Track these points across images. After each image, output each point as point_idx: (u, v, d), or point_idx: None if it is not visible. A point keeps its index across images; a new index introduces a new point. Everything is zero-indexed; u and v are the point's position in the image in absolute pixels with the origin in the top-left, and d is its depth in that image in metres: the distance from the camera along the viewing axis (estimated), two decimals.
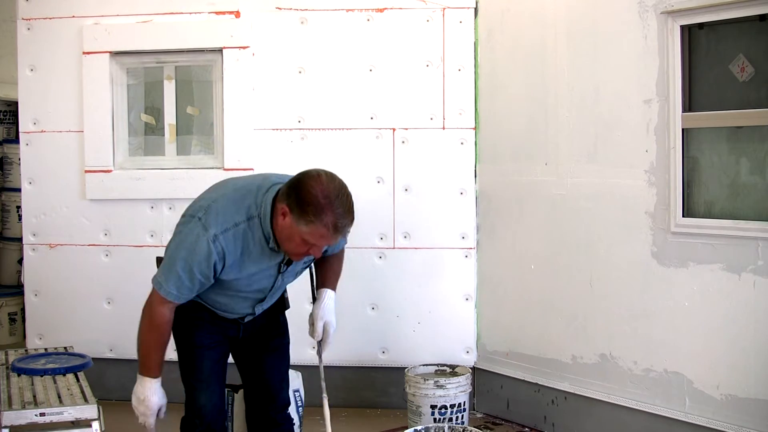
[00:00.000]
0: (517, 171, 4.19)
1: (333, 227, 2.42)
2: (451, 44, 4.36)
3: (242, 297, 2.74)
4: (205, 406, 2.82)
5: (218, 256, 2.52)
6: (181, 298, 2.61)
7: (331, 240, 2.49)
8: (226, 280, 2.61)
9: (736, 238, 3.29)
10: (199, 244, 2.51)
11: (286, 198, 2.46)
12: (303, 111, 4.46)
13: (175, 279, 2.56)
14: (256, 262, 2.60)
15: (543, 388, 4.11)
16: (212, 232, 2.51)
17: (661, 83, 3.51)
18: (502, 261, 4.31)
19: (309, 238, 2.45)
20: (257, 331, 2.90)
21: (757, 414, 3.23)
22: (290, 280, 2.82)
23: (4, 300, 6.01)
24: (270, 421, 2.97)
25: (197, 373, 2.83)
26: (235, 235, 2.53)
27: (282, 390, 2.99)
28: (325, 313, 2.84)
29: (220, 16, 4.49)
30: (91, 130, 4.58)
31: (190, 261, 2.53)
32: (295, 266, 2.72)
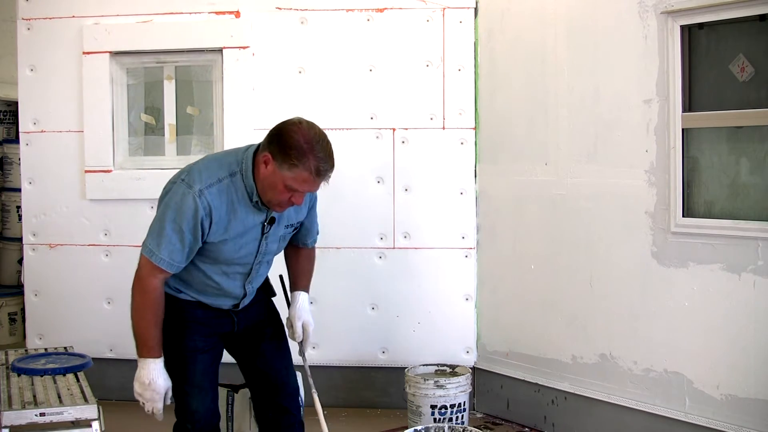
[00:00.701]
0: (517, 171, 4.19)
1: (315, 171, 2.48)
2: (451, 44, 4.36)
3: (232, 273, 2.72)
4: (198, 411, 2.79)
5: (205, 212, 2.53)
6: (173, 266, 2.59)
7: (314, 185, 2.54)
8: (214, 243, 2.60)
9: (736, 238, 3.29)
10: (185, 202, 2.53)
11: (268, 146, 2.53)
12: (303, 111, 4.40)
13: (166, 243, 2.55)
14: (241, 220, 2.61)
15: (543, 388, 4.11)
16: (197, 187, 2.54)
17: (661, 83, 3.51)
18: (502, 261, 4.31)
19: (292, 183, 2.50)
20: (251, 323, 2.89)
21: (757, 414, 3.24)
22: (273, 249, 2.79)
23: (4, 300, 6.01)
24: (281, 409, 2.93)
25: (189, 377, 2.79)
26: (219, 189, 2.56)
27: (288, 376, 2.95)
28: (302, 314, 2.92)
29: (220, 16, 4.49)
30: (91, 130, 4.58)
31: (178, 220, 2.54)
32: (276, 230, 2.72)
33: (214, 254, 2.66)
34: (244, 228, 2.64)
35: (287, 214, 2.75)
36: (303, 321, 2.93)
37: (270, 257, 2.84)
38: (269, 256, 2.82)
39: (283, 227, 2.76)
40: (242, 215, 2.61)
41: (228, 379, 3.64)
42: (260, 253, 2.75)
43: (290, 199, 2.57)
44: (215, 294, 2.78)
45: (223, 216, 2.58)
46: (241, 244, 2.66)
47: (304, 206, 2.82)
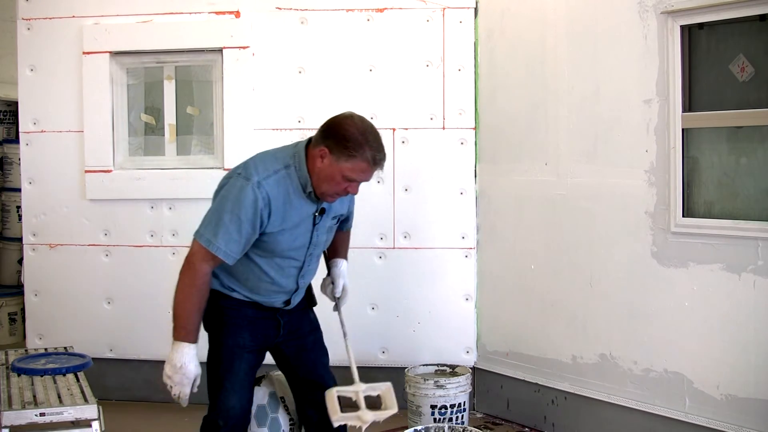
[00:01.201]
0: (517, 171, 4.19)
1: (372, 160, 2.62)
2: (451, 44, 4.36)
3: (287, 266, 2.80)
4: (234, 408, 2.82)
5: (264, 202, 2.61)
6: (229, 256, 2.65)
7: (370, 174, 2.65)
8: (272, 234, 2.68)
9: (736, 238, 3.29)
10: (244, 193, 2.61)
11: (323, 140, 2.64)
12: (303, 111, 4.46)
13: (224, 233, 2.61)
14: (296, 210, 2.70)
15: (543, 388, 4.11)
16: (255, 179, 2.63)
17: (661, 83, 3.51)
18: (502, 261, 4.31)
19: (350, 174, 2.62)
20: (294, 329, 2.95)
21: (757, 414, 3.24)
22: (322, 241, 2.88)
23: (4, 300, 6.01)
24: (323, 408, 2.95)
25: (233, 374, 2.83)
26: (276, 180, 2.65)
27: (329, 378, 3.03)
28: (342, 274, 3.08)
29: (220, 16, 4.49)
30: (91, 130, 4.58)
31: (237, 211, 2.61)
32: (325, 221, 2.83)
33: (271, 246, 2.72)
34: (299, 218, 2.72)
35: (334, 205, 2.85)
36: (343, 281, 3.08)
37: (319, 250, 2.92)
38: (319, 248, 2.90)
39: (330, 218, 2.86)
40: (297, 206, 2.70)
41: None
42: (312, 245, 2.82)
43: (346, 189, 2.69)
44: (268, 291, 2.83)
45: (280, 206, 2.66)
46: (296, 234, 2.74)
47: (348, 198, 2.94)
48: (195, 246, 2.68)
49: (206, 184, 4.51)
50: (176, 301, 2.72)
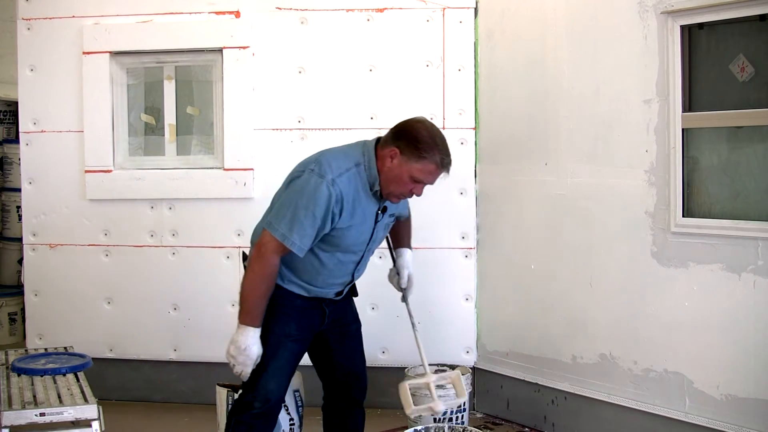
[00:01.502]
0: (517, 171, 4.19)
1: (441, 162, 2.76)
2: (451, 44, 4.36)
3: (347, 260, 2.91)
4: (273, 392, 2.91)
5: (337, 199, 2.72)
6: (302, 250, 2.76)
7: (436, 176, 2.79)
8: (341, 229, 2.78)
9: (736, 238, 3.29)
10: (319, 190, 2.71)
11: (394, 141, 2.77)
12: (303, 111, 4.46)
13: (299, 227, 2.71)
14: (363, 208, 2.82)
15: (543, 388, 4.11)
16: (329, 177, 2.73)
17: (661, 83, 3.51)
18: (502, 261, 4.31)
19: (418, 175, 2.75)
20: (337, 318, 3.07)
21: (757, 414, 3.24)
22: (380, 237, 3.00)
23: (4, 300, 6.02)
24: (353, 402, 3.15)
25: (277, 359, 2.90)
26: (348, 177, 2.76)
27: (364, 372, 3.17)
28: (408, 264, 3.23)
29: (220, 16, 4.49)
30: (91, 130, 4.58)
31: (311, 207, 2.70)
32: (384, 219, 2.94)
33: (337, 240, 2.82)
34: (364, 215, 2.84)
35: (392, 204, 2.95)
36: (408, 271, 3.21)
37: (376, 245, 3.02)
38: (376, 243, 3.01)
39: (388, 216, 2.97)
40: (364, 203, 2.82)
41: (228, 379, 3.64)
42: (372, 241, 2.94)
43: (411, 191, 2.81)
44: (325, 282, 2.94)
45: (350, 203, 2.77)
46: (362, 231, 2.86)
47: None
48: (267, 237, 2.77)
49: (206, 184, 4.54)
50: (245, 288, 2.82)
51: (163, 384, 4.70)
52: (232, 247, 4.53)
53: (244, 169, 4.47)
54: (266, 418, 2.93)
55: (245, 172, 4.47)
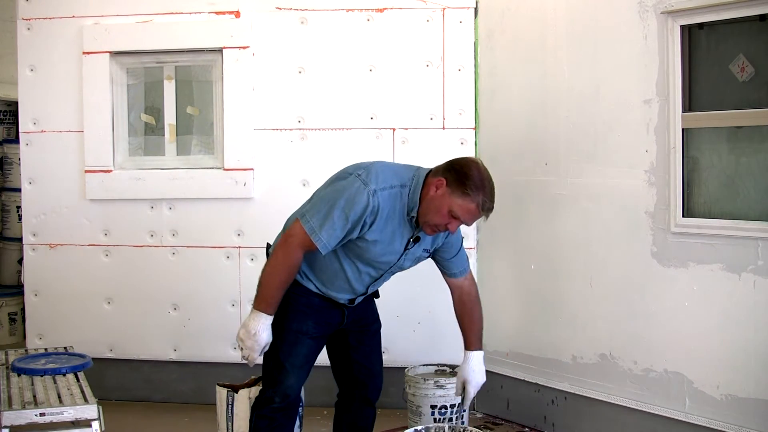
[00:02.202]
0: (517, 171, 4.19)
1: (482, 205, 2.75)
2: (451, 44, 4.36)
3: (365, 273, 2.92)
4: (292, 387, 2.95)
5: (372, 210, 2.73)
6: (327, 247, 2.77)
7: (474, 218, 2.78)
8: (368, 241, 2.79)
9: (736, 238, 3.29)
10: (359, 195, 2.73)
11: (444, 172, 2.77)
12: (303, 111, 4.46)
13: (330, 226, 2.73)
14: (394, 228, 2.81)
15: (543, 388, 4.11)
16: (372, 187, 2.74)
17: (661, 83, 3.51)
18: (502, 261, 4.31)
19: (458, 210, 2.73)
20: (357, 318, 3.09)
21: (757, 414, 3.23)
22: (407, 266, 3.00)
23: (4, 300, 6.01)
24: (367, 401, 3.18)
25: (294, 357, 2.94)
26: (390, 194, 2.77)
27: (380, 373, 3.21)
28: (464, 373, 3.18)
29: (220, 16, 4.49)
30: (91, 130, 4.58)
31: (347, 209, 2.72)
32: (416, 250, 2.92)
33: (360, 251, 2.84)
34: (393, 237, 2.83)
35: (427, 238, 2.92)
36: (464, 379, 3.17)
37: (397, 271, 3.02)
38: (400, 270, 3.01)
39: (421, 249, 2.95)
40: (396, 224, 2.82)
41: (228, 379, 3.64)
42: (396, 266, 2.95)
43: (446, 226, 2.78)
44: (340, 288, 2.95)
45: (384, 219, 2.77)
46: (388, 250, 2.86)
47: (442, 236, 2.98)
48: (297, 229, 2.79)
49: (206, 184, 4.54)
50: (265, 274, 2.84)
51: (163, 384, 4.70)
52: (232, 247, 4.53)
53: (244, 169, 4.47)
54: (286, 412, 2.97)
55: (245, 172, 4.47)
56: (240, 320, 4.49)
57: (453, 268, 3.10)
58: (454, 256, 3.07)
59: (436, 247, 3.00)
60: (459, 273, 3.11)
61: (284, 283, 2.82)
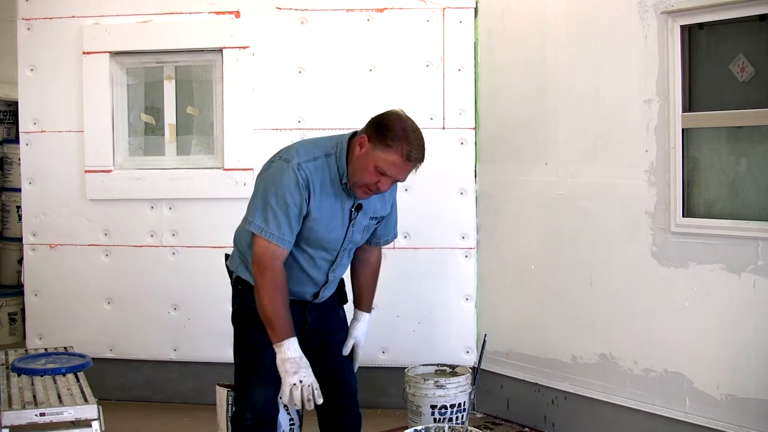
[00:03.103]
0: (517, 171, 4.19)
1: (406, 155, 2.63)
2: (451, 44, 4.36)
3: (319, 258, 2.81)
4: (258, 401, 2.86)
5: (304, 183, 2.65)
6: (283, 240, 2.67)
7: (402, 170, 2.66)
8: (308, 221, 2.70)
9: (736, 238, 3.29)
10: (285, 174, 2.66)
11: (366, 129, 2.70)
12: (303, 111, 4.46)
13: (272, 216, 2.65)
14: (332, 201, 2.73)
15: (543, 388, 4.11)
16: (295, 161, 2.67)
17: (661, 83, 3.51)
18: (502, 261, 4.31)
19: (383, 165, 2.63)
20: (321, 327, 2.97)
21: (757, 414, 3.24)
22: (357, 239, 2.88)
23: (4, 300, 6.01)
24: (341, 407, 3.05)
25: (256, 368, 2.85)
26: (315, 166, 2.69)
27: (351, 379, 3.08)
28: (356, 333, 3.07)
29: (220, 16, 4.49)
30: (91, 130, 4.58)
31: (280, 192, 2.65)
32: (362, 219, 2.83)
33: (306, 234, 2.74)
34: (333, 210, 2.75)
35: (372, 205, 2.85)
36: (355, 340, 3.06)
37: (353, 246, 2.92)
38: (353, 245, 2.90)
39: (368, 218, 2.86)
40: (333, 196, 2.73)
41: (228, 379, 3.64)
42: (346, 240, 2.84)
43: (377, 184, 2.67)
44: (300, 280, 2.84)
45: (317, 191, 2.69)
46: (332, 227, 2.76)
47: (388, 202, 2.93)
48: (257, 245, 2.69)
49: (206, 184, 4.54)
50: (264, 307, 2.69)
51: (163, 384, 4.70)
52: (232, 247, 4.52)
53: (244, 169, 4.46)
54: (262, 427, 2.88)
55: (245, 172, 4.47)
56: None
57: (384, 237, 3.04)
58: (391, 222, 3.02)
59: (384, 214, 2.92)
60: (384, 241, 3.07)
61: (284, 302, 2.69)
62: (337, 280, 2.99)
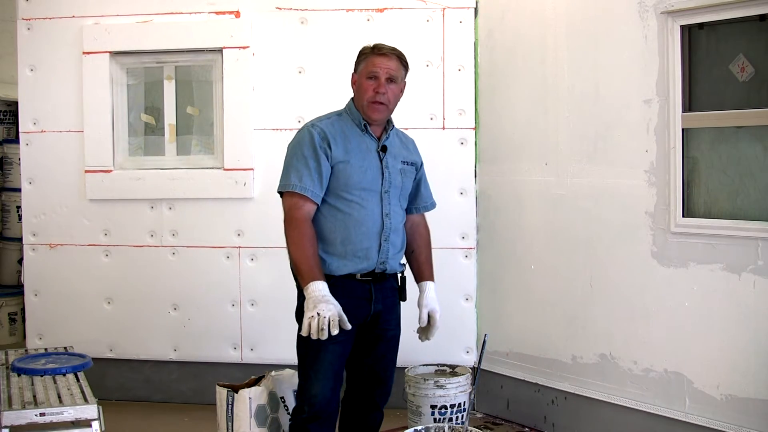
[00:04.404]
0: (517, 171, 4.19)
1: (377, 49, 2.98)
2: (451, 44, 4.36)
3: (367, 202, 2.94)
4: (316, 396, 2.94)
5: (320, 136, 2.92)
6: (306, 189, 2.87)
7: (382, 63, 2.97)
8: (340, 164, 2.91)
9: (736, 238, 3.29)
10: (302, 136, 2.96)
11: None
12: (303, 111, 4.46)
13: (294, 171, 2.90)
14: (357, 144, 2.97)
15: (543, 388, 4.11)
16: (309, 123, 3.01)
17: (661, 83, 3.51)
18: (502, 261, 4.31)
19: (366, 72, 2.97)
20: (378, 313, 3.03)
21: (757, 414, 3.24)
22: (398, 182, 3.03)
23: (4, 300, 6.02)
24: (373, 404, 3.16)
25: (317, 364, 2.92)
26: (329, 122, 3.01)
27: (390, 378, 3.18)
28: (428, 302, 3.17)
29: (220, 16, 4.49)
30: (91, 130, 4.58)
31: (298, 150, 2.92)
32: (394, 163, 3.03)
33: (343, 179, 2.92)
34: (361, 151, 2.97)
35: (398, 150, 3.07)
36: (430, 309, 3.16)
37: (397, 191, 3.03)
38: (396, 189, 3.03)
39: (399, 162, 3.06)
40: (357, 140, 2.98)
41: (228, 379, 3.65)
42: (385, 180, 2.99)
43: (375, 90, 2.94)
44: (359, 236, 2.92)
45: (338, 139, 2.95)
46: (365, 166, 2.96)
47: (411, 148, 3.16)
48: (284, 200, 2.93)
49: (206, 184, 4.54)
50: (292, 254, 2.86)
51: (163, 384, 4.70)
52: (232, 247, 4.53)
53: (244, 169, 4.47)
54: (319, 421, 2.95)
55: (245, 172, 4.47)
56: (240, 320, 4.50)
57: (423, 201, 3.22)
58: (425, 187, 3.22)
59: (414, 160, 3.13)
60: (429, 205, 3.26)
61: (312, 247, 2.83)
62: (398, 233, 3.04)
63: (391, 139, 3.06)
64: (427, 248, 3.24)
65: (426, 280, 3.21)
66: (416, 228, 3.21)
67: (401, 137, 3.15)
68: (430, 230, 3.28)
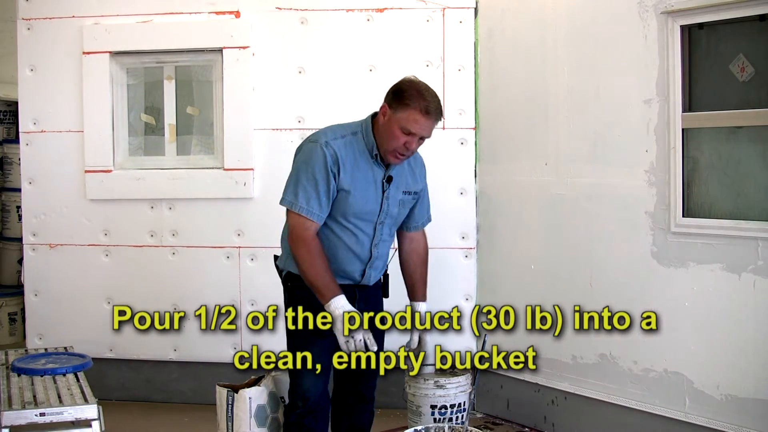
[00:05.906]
0: (517, 171, 4.19)
1: (425, 110, 2.81)
2: (451, 44, 4.36)
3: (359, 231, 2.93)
4: (309, 390, 2.97)
5: (332, 159, 2.84)
6: (312, 213, 2.84)
7: (424, 125, 2.82)
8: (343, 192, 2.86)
9: (736, 238, 3.29)
10: (314, 153, 2.85)
11: (385, 99, 2.91)
12: (303, 111, 4.46)
13: (303, 191, 2.84)
14: (364, 173, 2.90)
15: (543, 388, 4.11)
16: (322, 140, 2.87)
17: (661, 83, 3.51)
18: (502, 261, 4.31)
19: (405, 124, 2.81)
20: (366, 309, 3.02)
21: (757, 414, 3.24)
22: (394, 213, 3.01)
23: (4, 300, 6.02)
24: (361, 397, 3.19)
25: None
26: (343, 142, 2.89)
27: (377, 371, 3.17)
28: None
29: (220, 16, 4.49)
30: (91, 130, 4.59)
31: (309, 170, 2.84)
32: (396, 193, 2.98)
33: (342, 207, 2.89)
34: (366, 181, 2.91)
35: (404, 179, 3.02)
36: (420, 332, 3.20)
37: (390, 221, 3.03)
38: (390, 219, 3.02)
39: (401, 192, 3.01)
40: (364, 168, 2.91)
41: (228, 379, 3.64)
42: (382, 212, 2.97)
43: (405, 145, 2.84)
44: (346, 260, 2.95)
45: (348, 165, 2.87)
46: (367, 197, 2.91)
47: (418, 176, 3.10)
48: (289, 217, 2.89)
49: (206, 184, 4.54)
50: (305, 273, 2.85)
51: (163, 384, 4.70)
52: (232, 247, 4.53)
53: (244, 169, 4.47)
54: (313, 415, 2.98)
55: (245, 172, 4.47)
56: (240, 320, 4.49)
57: (419, 219, 3.18)
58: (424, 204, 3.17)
59: (416, 189, 3.07)
60: (421, 224, 3.20)
61: (324, 264, 2.83)
62: (382, 258, 3.07)
63: (399, 167, 2.99)
64: (422, 266, 3.23)
65: (419, 301, 3.22)
66: (415, 246, 3.21)
67: (410, 159, 3.03)
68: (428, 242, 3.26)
